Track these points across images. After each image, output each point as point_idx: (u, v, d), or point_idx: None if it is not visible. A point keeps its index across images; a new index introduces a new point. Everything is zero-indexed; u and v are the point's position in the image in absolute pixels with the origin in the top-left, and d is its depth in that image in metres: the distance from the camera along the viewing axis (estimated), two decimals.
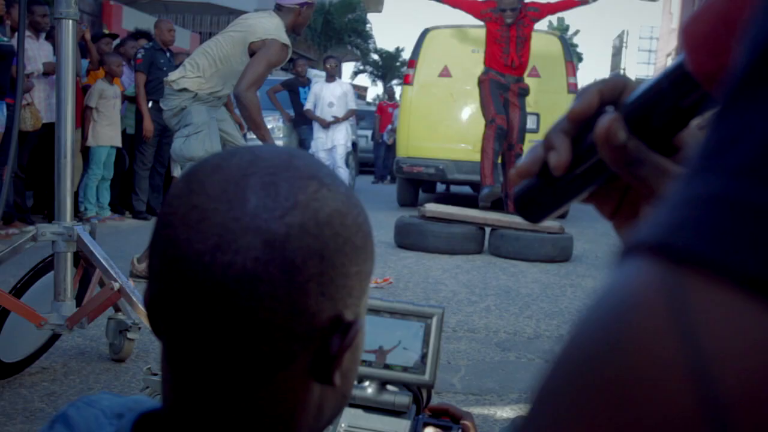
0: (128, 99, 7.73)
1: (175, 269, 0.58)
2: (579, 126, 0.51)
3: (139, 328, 2.95)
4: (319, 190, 0.58)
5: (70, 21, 2.49)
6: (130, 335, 2.95)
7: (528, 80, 7.45)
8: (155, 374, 2.28)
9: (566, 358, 0.25)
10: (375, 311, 1.07)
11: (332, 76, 9.61)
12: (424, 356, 1.09)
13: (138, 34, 8.77)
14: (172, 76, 4.66)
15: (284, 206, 0.56)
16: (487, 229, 6.27)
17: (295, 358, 0.59)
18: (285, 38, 4.52)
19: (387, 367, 1.09)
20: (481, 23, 7.26)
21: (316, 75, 11.07)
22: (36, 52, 6.55)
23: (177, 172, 8.40)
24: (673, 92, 0.47)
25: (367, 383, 1.11)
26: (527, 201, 0.57)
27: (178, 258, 0.57)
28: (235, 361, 0.58)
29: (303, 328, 0.58)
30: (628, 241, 0.25)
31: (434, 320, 1.09)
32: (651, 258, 0.23)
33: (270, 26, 4.51)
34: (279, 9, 4.61)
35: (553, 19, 17.62)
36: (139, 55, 7.65)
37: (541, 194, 0.55)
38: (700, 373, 0.20)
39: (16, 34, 6.04)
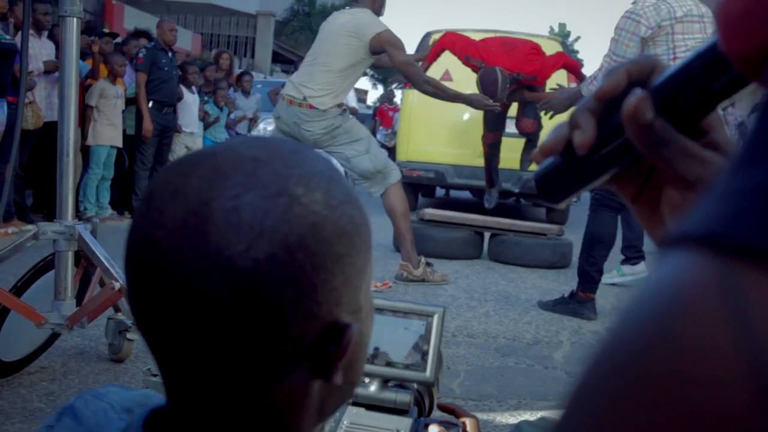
0: (128, 100, 7.73)
1: (149, 298, 0.56)
2: (606, 105, 0.51)
3: None
4: (288, 209, 0.53)
5: (75, 19, 2.49)
6: (129, 335, 2.95)
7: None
8: (155, 375, 2.28)
9: (610, 355, 0.24)
10: (378, 310, 1.08)
11: None
12: (424, 354, 1.10)
13: (138, 34, 8.77)
14: (298, 94, 4.67)
15: (249, 237, 0.52)
16: (486, 234, 6.26)
17: (287, 375, 0.57)
18: (384, 26, 4.75)
19: (389, 364, 1.11)
20: (483, 28, 7.33)
21: None
22: (38, 51, 6.55)
23: None
24: (705, 73, 0.46)
25: (368, 380, 1.12)
26: (549, 181, 0.56)
27: (149, 291, 0.55)
28: (224, 378, 0.56)
29: (288, 350, 0.56)
30: (673, 233, 0.24)
31: (435, 319, 1.10)
32: (700, 250, 0.22)
33: (371, 20, 4.70)
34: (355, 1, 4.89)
35: (554, 24, 17.60)
36: (141, 55, 7.64)
37: (563, 174, 0.54)
38: (758, 366, 0.20)
39: (19, 32, 6.05)
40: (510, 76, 5.55)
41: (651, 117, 0.47)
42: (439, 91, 4.85)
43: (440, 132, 8.03)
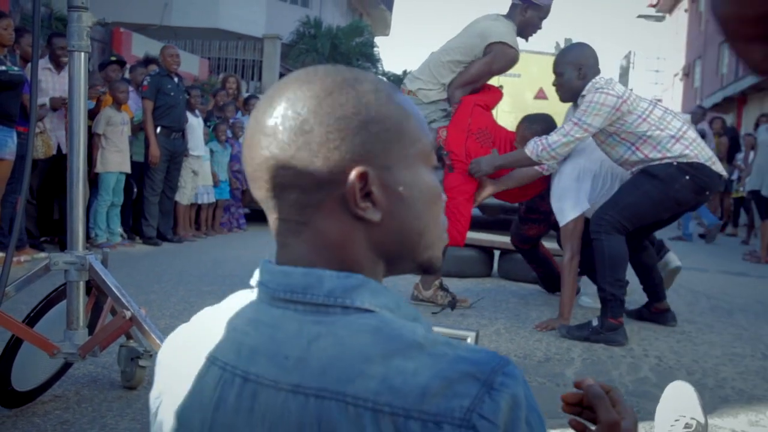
0: (136, 127, 7.78)
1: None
2: None
3: (151, 356, 2.96)
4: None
5: (83, 53, 2.53)
6: (141, 363, 2.96)
7: (535, 102, 7.44)
8: None
9: None
10: None
11: None
12: None
13: (148, 61, 8.84)
14: (410, 86, 4.84)
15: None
16: (496, 253, 6.27)
17: (321, 204, 0.81)
18: (513, 41, 4.71)
19: None
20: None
21: None
22: (53, 85, 6.64)
23: (180, 198, 8.44)
24: None
25: None
26: None
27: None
28: (285, 208, 0.83)
29: (309, 181, 0.80)
30: None
31: (469, 342, 1.14)
32: None
33: (502, 29, 4.70)
34: (512, 9, 4.79)
35: (560, 40, 17.59)
36: (145, 82, 7.71)
37: None
38: None
39: (27, 63, 6.12)
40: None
41: None
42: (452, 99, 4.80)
43: None
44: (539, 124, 4.59)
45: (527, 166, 4.46)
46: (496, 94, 4.97)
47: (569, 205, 4.42)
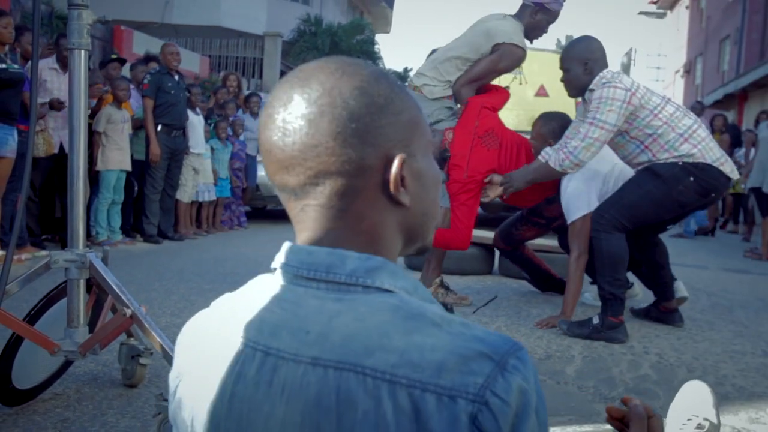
0: (137, 125, 7.78)
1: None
2: None
3: (152, 354, 2.97)
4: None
5: (83, 51, 2.53)
6: (142, 361, 2.96)
7: (536, 100, 7.39)
8: (166, 400, 2.29)
9: None
10: None
11: None
12: None
13: (148, 58, 8.84)
14: (416, 81, 4.91)
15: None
16: (497, 250, 6.26)
17: (363, 190, 0.84)
18: (520, 41, 4.73)
19: None
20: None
21: None
22: (58, 85, 6.65)
23: (181, 195, 8.43)
24: None
25: None
26: None
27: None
28: (325, 195, 0.85)
29: (355, 167, 0.83)
30: None
31: None
32: None
33: (509, 29, 4.71)
34: (521, 10, 4.80)
35: (561, 37, 17.58)
36: (146, 81, 7.71)
37: None
38: None
39: (28, 62, 6.13)
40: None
41: None
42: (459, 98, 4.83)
43: None
44: (556, 121, 4.58)
45: (558, 178, 4.38)
46: (503, 94, 4.94)
47: (578, 203, 4.40)
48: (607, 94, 4.00)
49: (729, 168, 4.09)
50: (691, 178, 4.04)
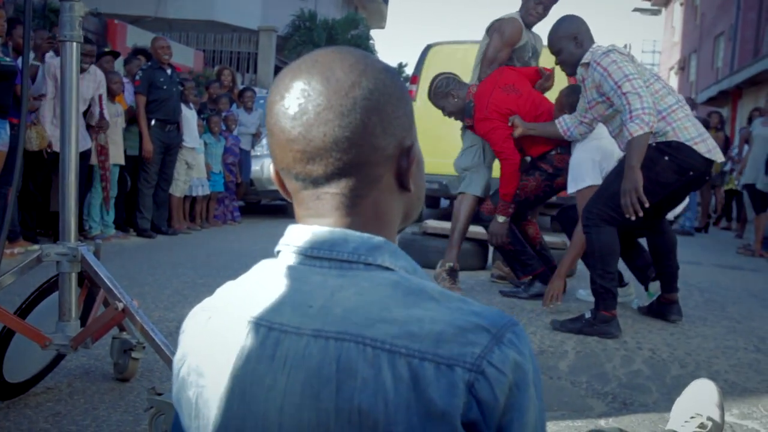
0: (131, 120, 7.73)
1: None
2: None
3: (144, 348, 2.96)
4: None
5: (75, 43, 2.52)
6: (134, 355, 2.96)
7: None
8: (159, 394, 2.28)
9: None
10: None
11: None
12: None
13: (137, 52, 8.78)
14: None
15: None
16: (491, 246, 6.25)
17: (382, 178, 0.88)
18: (513, 17, 5.08)
19: None
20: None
21: None
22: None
23: (174, 190, 8.41)
24: None
25: None
26: None
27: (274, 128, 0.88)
28: (349, 183, 0.87)
29: (380, 157, 0.86)
30: None
31: None
32: None
33: (504, 16, 5.14)
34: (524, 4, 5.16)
35: None
36: (138, 77, 7.66)
37: None
38: None
39: (20, 55, 6.09)
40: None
41: None
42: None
43: (442, 143, 8.04)
44: (577, 96, 4.72)
45: (648, 142, 4.02)
46: (534, 69, 5.23)
47: (586, 174, 4.59)
48: (612, 57, 4.03)
49: (704, 148, 4.03)
50: (666, 158, 4.02)
